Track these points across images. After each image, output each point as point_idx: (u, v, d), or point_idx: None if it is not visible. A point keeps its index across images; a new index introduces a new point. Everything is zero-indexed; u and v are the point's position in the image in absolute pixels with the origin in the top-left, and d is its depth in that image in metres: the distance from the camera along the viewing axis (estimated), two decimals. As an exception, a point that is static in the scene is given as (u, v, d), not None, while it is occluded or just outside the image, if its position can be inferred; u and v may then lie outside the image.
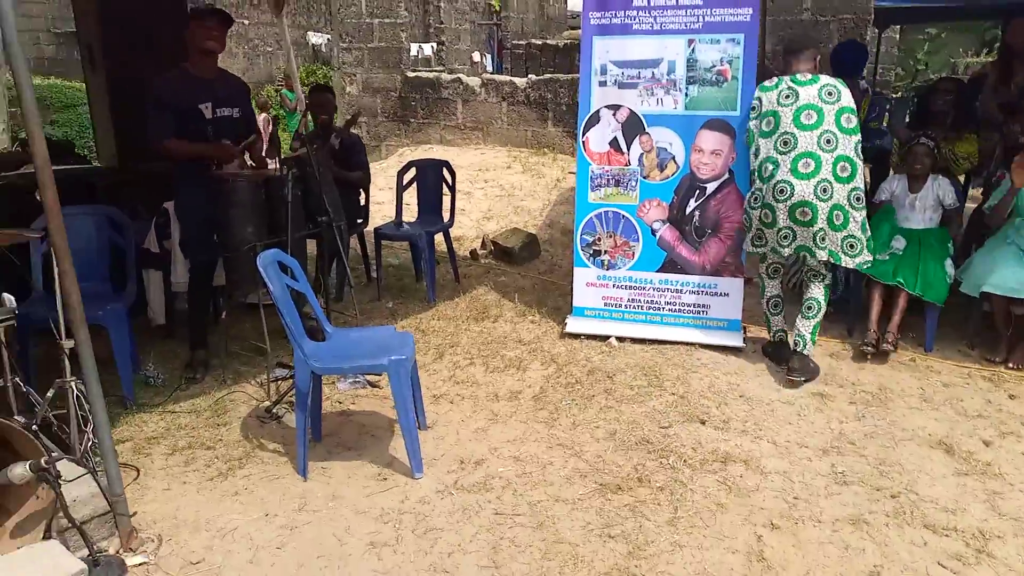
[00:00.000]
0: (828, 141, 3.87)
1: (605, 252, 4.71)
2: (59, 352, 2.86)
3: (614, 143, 4.59)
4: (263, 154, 4.46)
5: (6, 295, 2.85)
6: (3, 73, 10.38)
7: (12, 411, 3.02)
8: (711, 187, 4.49)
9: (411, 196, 5.97)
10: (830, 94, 3.94)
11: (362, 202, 5.78)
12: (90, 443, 2.89)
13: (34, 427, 2.82)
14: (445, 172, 5.89)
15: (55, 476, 2.40)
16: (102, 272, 4.05)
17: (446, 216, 5.91)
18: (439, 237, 5.77)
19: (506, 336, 4.71)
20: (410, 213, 6.00)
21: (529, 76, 9.79)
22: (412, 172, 5.92)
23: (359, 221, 5.74)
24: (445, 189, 5.91)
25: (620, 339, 4.58)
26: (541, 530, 2.81)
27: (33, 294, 3.71)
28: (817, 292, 4.08)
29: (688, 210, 4.54)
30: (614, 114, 4.57)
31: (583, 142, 4.66)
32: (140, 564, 2.61)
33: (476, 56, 14.68)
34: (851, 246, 3.92)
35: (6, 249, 3.20)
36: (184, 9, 4.82)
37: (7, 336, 2.96)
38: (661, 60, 4.45)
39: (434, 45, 12.50)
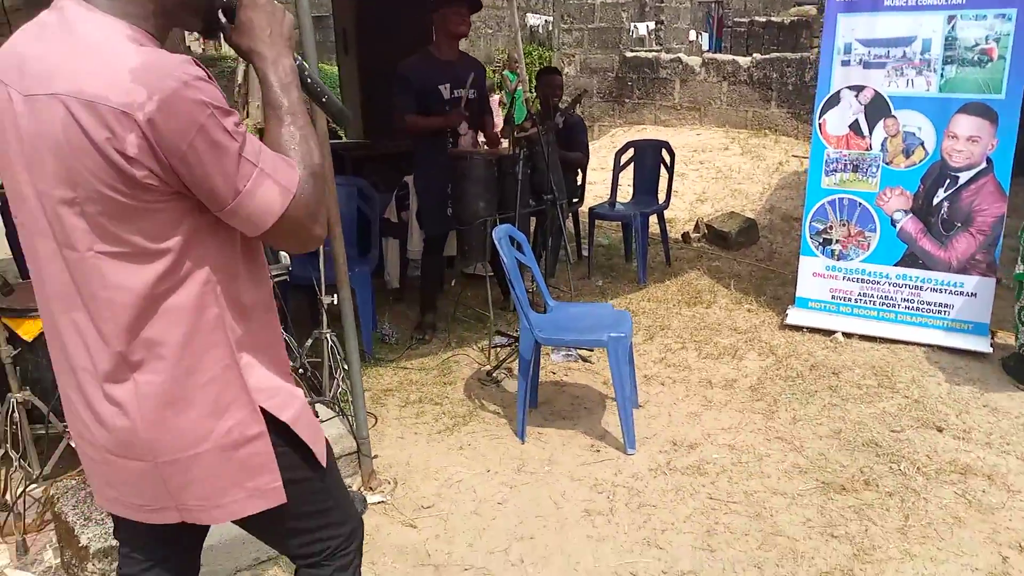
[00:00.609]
0: None
1: (836, 241, 4.47)
2: (318, 306, 3.20)
3: (854, 126, 4.32)
4: (496, 133, 4.67)
5: (282, 252, 3.22)
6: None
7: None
8: (964, 177, 4.11)
9: (625, 176, 5.97)
10: None
11: (578, 181, 5.87)
12: (339, 389, 3.22)
13: (298, 372, 3.18)
14: (664, 153, 5.83)
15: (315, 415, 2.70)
16: (351, 238, 4.45)
17: (661, 197, 5.86)
18: (652, 218, 5.74)
19: (720, 323, 4.62)
20: (622, 193, 6.01)
21: (753, 55, 9.39)
22: (630, 152, 5.92)
23: (574, 200, 5.84)
24: (662, 170, 5.86)
25: (847, 335, 4.33)
26: (758, 520, 2.76)
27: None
28: None
29: (936, 201, 4.18)
30: (856, 95, 4.29)
31: (819, 124, 4.42)
32: (378, 503, 2.87)
33: (692, 35, 14.29)
34: None
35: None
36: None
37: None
38: (914, 38, 4.11)
39: (650, 24, 12.32)
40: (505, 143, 4.73)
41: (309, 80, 1.30)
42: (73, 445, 1.40)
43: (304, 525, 1.43)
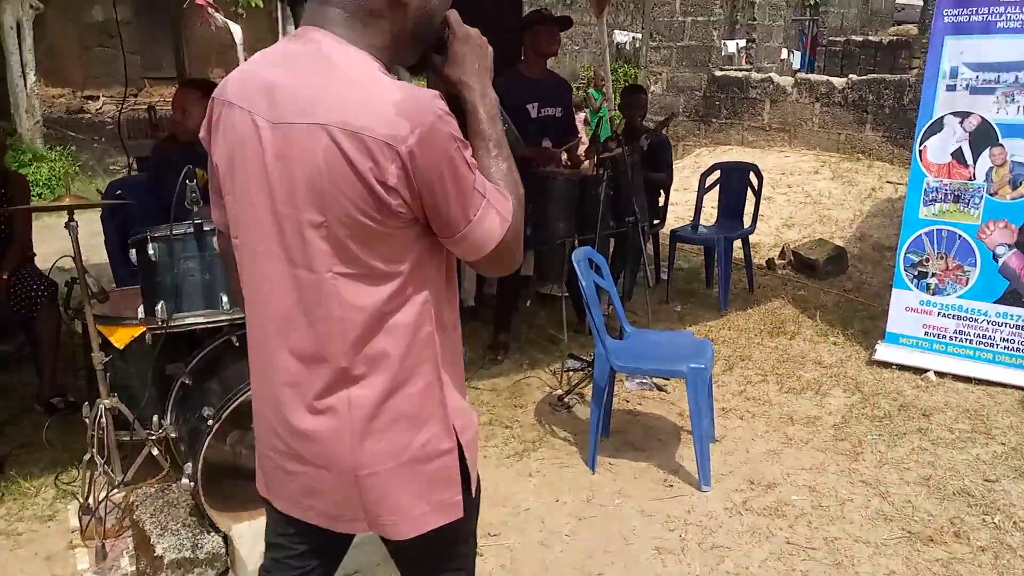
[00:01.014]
0: None
1: (933, 275, 4.24)
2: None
3: (957, 154, 4.11)
4: (580, 153, 4.64)
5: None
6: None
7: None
8: (1076, 211, 3.85)
9: (709, 199, 5.84)
10: None
11: (661, 202, 5.78)
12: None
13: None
14: (752, 176, 5.68)
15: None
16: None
17: (747, 222, 5.71)
18: (736, 243, 5.59)
19: (804, 356, 4.45)
20: (705, 215, 5.89)
21: (849, 76, 9.08)
22: (716, 175, 5.80)
23: (656, 221, 5.75)
24: (748, 194, 5.71)
25: (940, 374, 4.11)
26: (838, 569, 2.62)
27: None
28: None
29: (1043, 236, 3.93)
30: (961, 122, 4.08)
31: (919, 151, 4.22)
32: (445, 525, 2.86)
33: (784, 53, 13.95)
34: None
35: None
36: (519, 13, 5.12)
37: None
38: (1029, 62, 3.89)
39: (740, 42, 12.09)
40: (588, 163, 4.69)
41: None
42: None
43: (458, 551, 1.48)
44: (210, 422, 2.38)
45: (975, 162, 4.09)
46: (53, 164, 9.80)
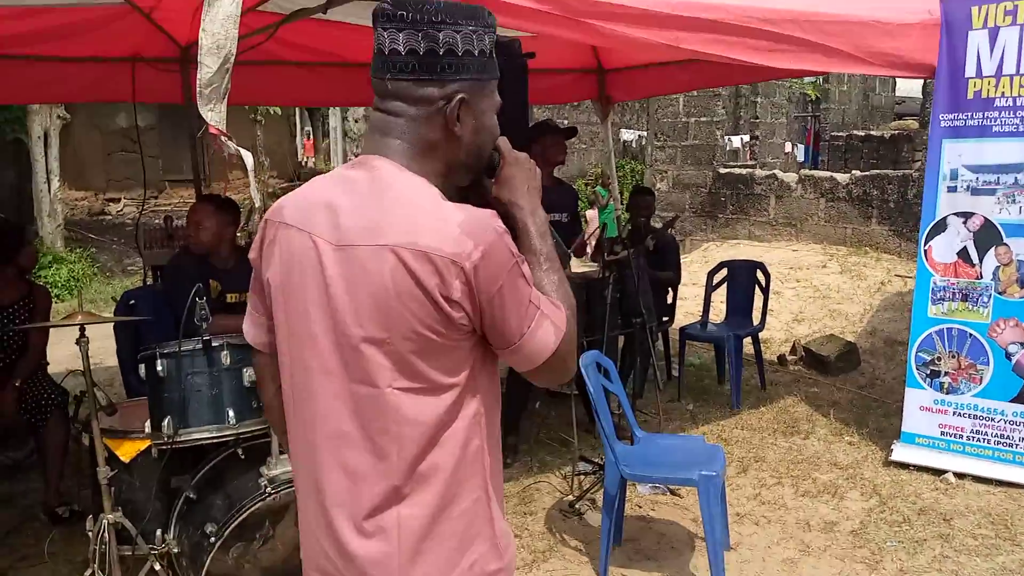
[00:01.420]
0: None
1: (946, 373, 4.21)
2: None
3: (963, 253, 4.14)
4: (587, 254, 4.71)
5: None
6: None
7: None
8: (1085, 308, 3.84)
9: (718, 295, 5.87)
10: None
11: (670, 300, 5.81)
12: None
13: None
14: (759, 273, 5.72)
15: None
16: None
17: (756, 318, 5.71)
18: (746, 340, 5.58)
19: (819, 456, 4.37)
20: (715, 312, 5.90)
21: (852, 172, 9.24)
22: (723, 272, 5.85)
23: (665, 319, 5.76)
24: (757, 290, 5.74)
25: (959, 475, 4.02)
26: None
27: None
28: None
29: (1055, 334, 3.91)
30: (965, 222, 4.13)
31: (924, 251, 4.25)
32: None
33: (788, 147, 14.26)
34: None
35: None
36: (526, 122, 5.28)
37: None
38: (1027, 164, 3.97)
39: (744, 138, 12.38)
40: (596, 265, 4.75)
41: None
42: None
43: None
44: (212, 539, 2.34)
45: (981, 261, 4.11)
46: (72, 266, 10.03)
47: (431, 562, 1.26)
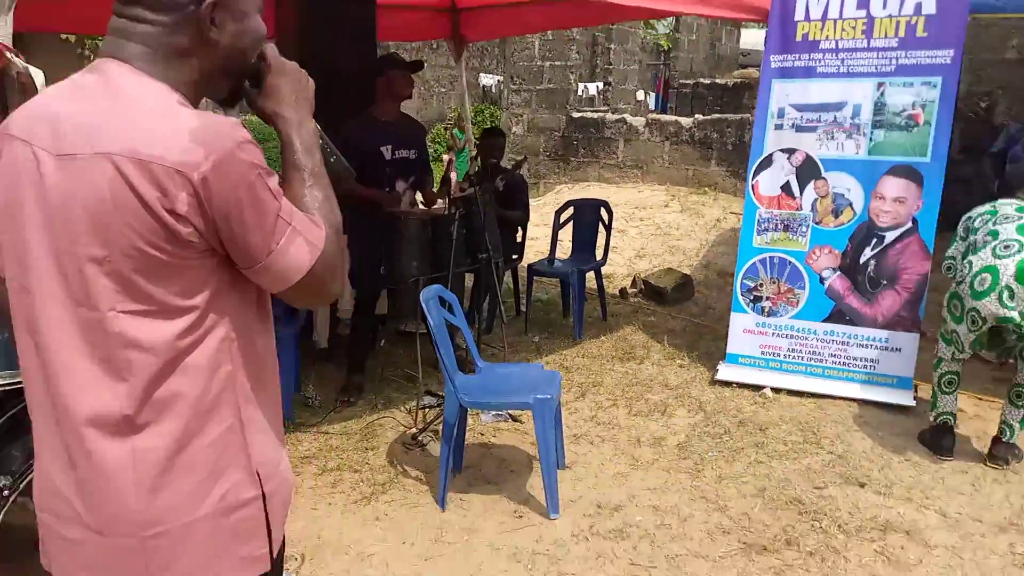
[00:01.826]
0: None
1: (767, 298, 4.52)
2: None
3: (786, 187, 4.42)
4: (433, 192, 4.68)
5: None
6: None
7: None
8: (890, 236, 4.21)
9: (565, 233, 6.01)
10: None
11: (519, 239, 5.89)
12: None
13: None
14: (602, 212, 5.89)
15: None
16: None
17: (599, 254, 5.90)
18: (590, 274, 5.76)
19: (652, 379, 4.60)
20: (563, 250, 6.04)
21: (696, 116, 9.64)
22: (569, 211, 5.98)
23: (514, 257, 5.84)
24: (601, 227, 5.91)
25: (776, 390, 4.35)
26: (677, 586, 2.69)
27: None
28: None
29: (863, 259, 4.27)
30: (788, 158, 4.41)
31: (752, 186, 4.51)
32: (286, 576, 2.74)
33: (640, 95, 14.67)
34: None
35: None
36: (373, 56, 5.10)
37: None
38: (845, 103, 4.26)
39: (599, 85, 12.62)
40: (442, 202, 4.73)
41: (321, 140, 1.35)
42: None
43: None
44: (5, 492, 2.19)
45: (802, 194, 4.41)
46: None
47: (177, 493, 1.19)
